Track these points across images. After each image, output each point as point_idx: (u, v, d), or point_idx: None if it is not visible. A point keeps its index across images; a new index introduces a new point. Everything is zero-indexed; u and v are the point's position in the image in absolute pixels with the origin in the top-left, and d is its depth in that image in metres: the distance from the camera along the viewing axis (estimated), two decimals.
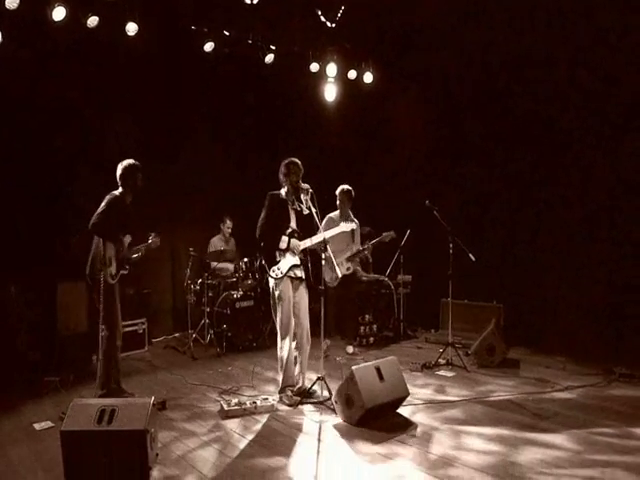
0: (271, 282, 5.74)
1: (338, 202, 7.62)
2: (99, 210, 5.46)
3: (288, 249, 5.68)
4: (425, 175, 9.12)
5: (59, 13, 6.44)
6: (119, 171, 5.73)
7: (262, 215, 5.77)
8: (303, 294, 5.85)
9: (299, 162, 5.81)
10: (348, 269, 7.59)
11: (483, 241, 7.57)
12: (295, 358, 5.81)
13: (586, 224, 7.52)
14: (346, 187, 7.62)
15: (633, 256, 7.14)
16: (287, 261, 5.68)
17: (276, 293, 5.70)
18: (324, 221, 7.31)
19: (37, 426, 5.14)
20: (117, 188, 5.71)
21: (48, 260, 7.04)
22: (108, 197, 5.58)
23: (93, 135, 7.59)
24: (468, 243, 6.87)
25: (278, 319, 5.70)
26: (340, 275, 5.53)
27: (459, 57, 8.46)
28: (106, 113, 7.69)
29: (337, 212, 7.61)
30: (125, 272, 5.75)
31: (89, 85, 7.44)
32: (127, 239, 5.79)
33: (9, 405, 5.70)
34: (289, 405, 5.56)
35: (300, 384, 5.80)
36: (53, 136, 7.25)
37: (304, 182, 5.75)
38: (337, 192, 7.64)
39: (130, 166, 5.73)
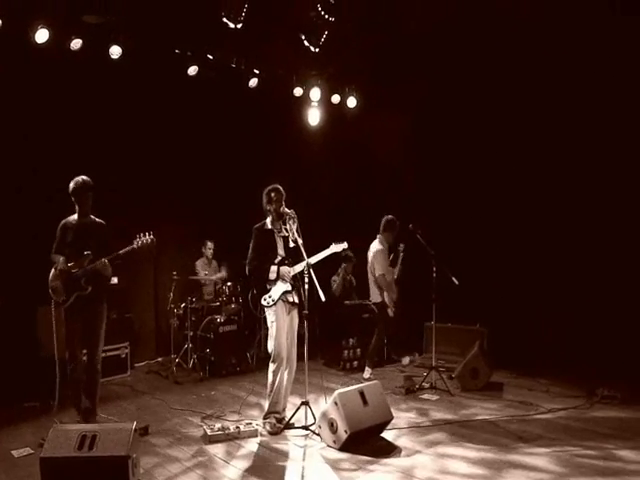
0: (265, 310, 5.72)
1: (383, 230, 7.67)
2: None
3: (278, 278, 5.68)
4: (408, 199, 9.17)
5: (42, 35, 6.45)
6: (70, 189, 5.49)
7: (250, 250, 5.78)
8: (294, 319, 5.83)
9: (280, 187, 5.80)
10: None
11: (466, 265, 7.60)
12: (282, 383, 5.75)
13: (570, 247, 7.62)
14: (390, 217, 7.65)
15: (617, 279, 7.24)
16: (278, 288, 5.67)
17: (270, 318, 5.67)
18: (380, 256, 7.53)
19: (15, 453, 5.03)
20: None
21: (28, 282, 6.93)
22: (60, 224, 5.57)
23: (75, 157, 7.54)
24: (451, 267, 6.90)
25: (272, 344, 5.63)
26: (324, 299, 5.49)
27: (443, 81, 8.57)
28: (88, 136, 7.65)
29: (382, 241, 7.67)
30: (83, 293, 5.42)
31: (71, 107, 7.42)
32: (86, 258, 5.42)
33: None
34: (272, 433, 5.50)
35: (282, 409, 5.75)
36: (34, 159, 7.21)
37: (288, 206, 5.76)
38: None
39: (78, 184, 5.49)
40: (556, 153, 7.79)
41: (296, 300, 5.77)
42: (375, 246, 7.62)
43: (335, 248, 5.89)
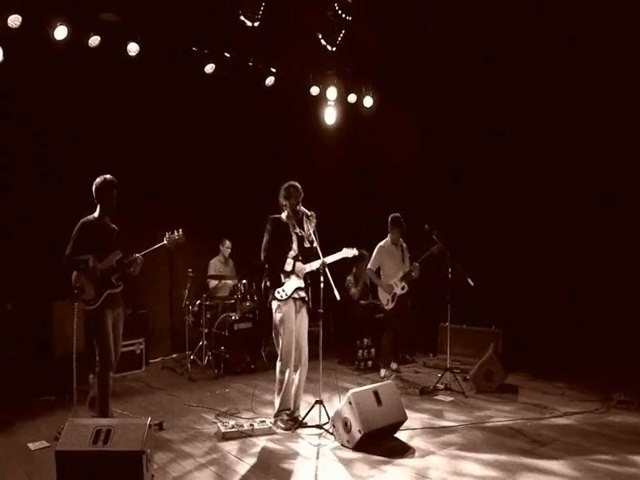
0: (274, 305, 5.69)
1: (389, 228, 7.72)
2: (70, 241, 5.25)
3: (293, 272, 5.68)
4: (424, 199, 9.14)
5: (61, 32, 6.55)
6: (93, 187, 5.38)
7: (265, 238, 5.74)
8: (304, 317, 5.82)
9: (299, 186, 5.80)
10: (403, 288, 7.60)
11: (482, 266, 7.57)
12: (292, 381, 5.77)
13: (588, 249, 7.56)
14: (393, 215, 7.68)
15: (635, 282, 7.17)
16: (292, 283, 5.67)
17: (279, 316, 5.64)
18: (375, 250, 7.72)
19: (32, 446, 5.09)
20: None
21: (44, 278, 6.98)
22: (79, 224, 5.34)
23: (92, 155, 7.59)
24: (467, 268, 6.87)
25: (280, 342, 5.64)
26: (339, 298, 5.47)
27: (460, 80, 8.53)
28: (105, 133, 7.69)
29: (387, 239, 7.73)
30: (115, 290, 5.37)
31: (89, 104, 7.46)
32: (115, 257, 5.36)
33: (3, 424, 5.64)
34: (285, 429, 5.52)
35: (296, 408, 5.76)
36: (48, 157, 7.26)
37: (305, 205, 5.75)
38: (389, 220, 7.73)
39: (105, 182, 5.37)
40: (572, 156, 7.73)
41: (305, 297, 5.78)
42: (380, 243, 7.76)
43: (347, 252, 5.86)
